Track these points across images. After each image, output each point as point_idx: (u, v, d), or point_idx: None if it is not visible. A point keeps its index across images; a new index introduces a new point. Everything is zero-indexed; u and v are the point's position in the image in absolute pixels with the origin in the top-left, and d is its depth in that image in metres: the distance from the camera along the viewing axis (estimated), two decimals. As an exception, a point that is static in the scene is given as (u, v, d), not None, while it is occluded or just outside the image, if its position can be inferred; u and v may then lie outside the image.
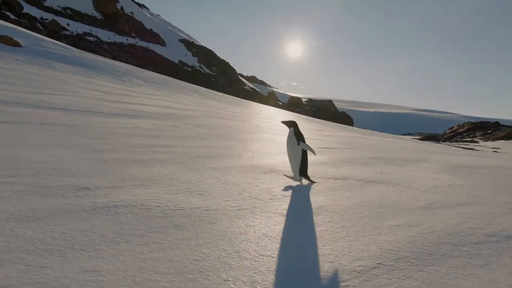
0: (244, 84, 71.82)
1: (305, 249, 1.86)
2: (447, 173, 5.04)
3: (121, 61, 30.77)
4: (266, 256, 1.72)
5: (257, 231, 2.01)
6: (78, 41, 33.87)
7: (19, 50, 16.79)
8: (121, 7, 52.32)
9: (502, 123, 54.06)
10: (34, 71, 12.46)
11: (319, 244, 1.93)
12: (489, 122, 55.62)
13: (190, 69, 55.27)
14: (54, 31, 33.73)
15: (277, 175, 3.54)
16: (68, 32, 37.91)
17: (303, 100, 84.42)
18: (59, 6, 43.82)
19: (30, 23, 33.02)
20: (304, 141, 3.23)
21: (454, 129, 59.31)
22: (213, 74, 61.55)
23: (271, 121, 13.39)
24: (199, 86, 29.66)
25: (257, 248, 1.79)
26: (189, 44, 65.13)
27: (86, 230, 1.73)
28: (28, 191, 2.19)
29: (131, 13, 55.92)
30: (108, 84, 14.64)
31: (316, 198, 2.85)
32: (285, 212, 2.42)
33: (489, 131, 51.79)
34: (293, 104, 77.12)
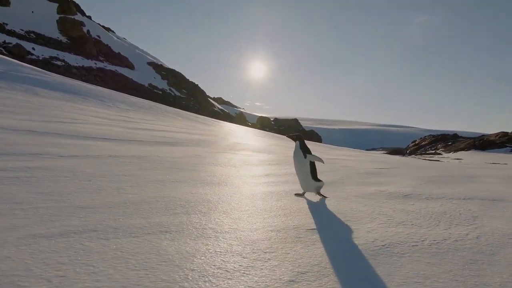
0: (214, 106, 71.77)
1: None
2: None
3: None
4: None
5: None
6: (46, 66, 32.01)
7: (-3, 76, 15.58)
8: (88, 31, 50.63)
9: (460, 135, 57.82)
10: (21, 98, 11.56)
11: None
12: (448, 134, 59.25)
13: (161, 92, 54.28)
14: (19, 56, 31.66)
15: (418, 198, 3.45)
16: (34, 57, 35.85)
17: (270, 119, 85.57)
18: (22, 30, 41.41)
19: (-9, 47, 30.86)
20: (310, 153, 3.15)
21: (417, 142, 62.61)
22: (184, 96, 60.93)
23: (280, 139, 13.36)
24: (178, 109, 29.13)
25: None
26: (158, 67, 64.16)
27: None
28: (285, 239, 1.93)
29: (98, 36, 54.19)
30: (100, 110, 13.94)
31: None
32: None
33: (450, 143, 55.11)
34: (262, 124, 77.80)
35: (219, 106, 78.99)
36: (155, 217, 2.12)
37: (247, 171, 4.52)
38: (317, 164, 3.18)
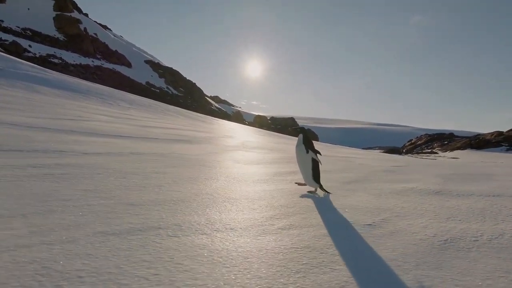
0: (211, 104, 71.59)
1: None
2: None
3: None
4: None
5: None
6: (43, 63, 31.59)
7: (-3, 73, 15.37)
8: (85, 28, 50.12)
9: (456, 134, 58.11)
10: (23, 95, 11.43)
11: None
12: (444, 133, 59.49)
13: (158, 91, 53.96)
14: (16, 53, 31.17)
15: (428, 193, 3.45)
16: (30, 54, 35.39)
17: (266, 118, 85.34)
18: (18, 27, 40.85)
19: (-13, 44, 30.39)
20: (313, 149, 3.09)
21: (413, 141, 62.89)
22: (181, 95, 60.66)
23: (281, 137, 13.36)
24: (178, 107, 28.98)
25: None
26: (155, 65, 63.76)
27: None
28: (349, 235, 1.90)
29: (95, 34, 53.69)
30: (102, 108, 13.84)
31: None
32: None
33: (446, 142, 55.32)
34: (259, 123, 77.57)
35: (216, 105, 78.82)
36: (211, 214, 2.08)
37: (271, 169, 4.50)
38: (325, 163, 3.15)
